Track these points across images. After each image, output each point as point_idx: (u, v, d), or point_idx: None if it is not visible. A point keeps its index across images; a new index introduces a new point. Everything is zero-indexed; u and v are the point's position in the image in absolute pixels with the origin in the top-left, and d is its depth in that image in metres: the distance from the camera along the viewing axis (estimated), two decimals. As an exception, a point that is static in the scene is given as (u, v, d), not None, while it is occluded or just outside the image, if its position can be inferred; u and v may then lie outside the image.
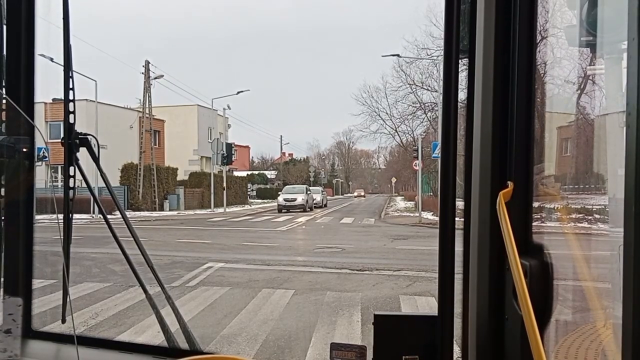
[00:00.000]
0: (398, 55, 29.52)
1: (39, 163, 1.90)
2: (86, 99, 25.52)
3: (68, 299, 1.52)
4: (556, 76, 2.04)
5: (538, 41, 1.13)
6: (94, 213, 18.51)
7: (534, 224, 1.11)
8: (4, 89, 1.59)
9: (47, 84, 1.85)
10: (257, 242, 15.61)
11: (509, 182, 1.09)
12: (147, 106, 31.37)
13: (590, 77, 1.82)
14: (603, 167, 1.51)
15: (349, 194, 71.61)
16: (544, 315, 1.02)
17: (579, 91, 2.17)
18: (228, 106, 37.19)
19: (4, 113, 1.60)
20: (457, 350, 1.18)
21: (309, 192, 34.00)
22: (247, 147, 61.59)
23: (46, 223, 2.30)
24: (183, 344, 1.51)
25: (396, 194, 59.34)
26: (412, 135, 35.18)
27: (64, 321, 1.55)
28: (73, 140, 1.46)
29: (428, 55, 29.98)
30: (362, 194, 69.51)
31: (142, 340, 5.85)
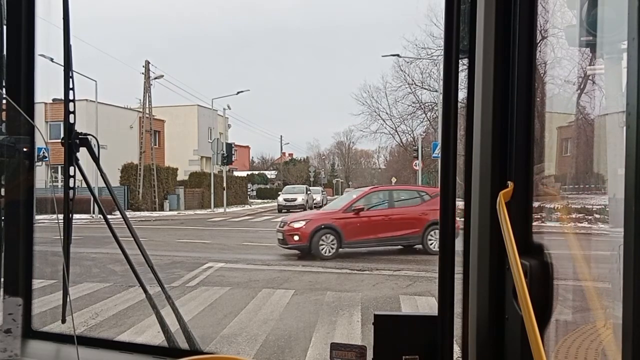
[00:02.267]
0: (398, 55, 29.55)
1: (39, 163, 1.90)
2: (86, 99, 25.51)
3: (68, 299, 1.52)
4: (556, 76, 2.04)
5: (538, 41, 1.13)
6: (94, 213, 18.51)
7: (534, 224, 1.11)
8: (4, 89, 1.59)
9: (47, 84, 1.85)
10: (257, 242, 15.60)
11: (509, 182, 1.09)
12: (147, 106, 31.37)
13: (590, 77, 1.82)
14: (603, 167, 1.51)
15: (348, 194, 70.39)
16: (544, 315, 1.02)
17: (579, 91, 2.17)
18: (228, 106, 37.20)
19: (4, 113, 1.60)
20: (457, 350, 1.18)
21: (309, 192, 33.97)
22: (247, 147, 61.50)
23: (46, 223, 2.30)
24: (183, 344, 1.51)
25: (396, 194, 59.11)
26: (412, 135, 35.17)
27: (64, 321, 1.55)
28: (73, 140, 1.46)
29: (428, 55, 29.99)
30: None
31: (142, 340, 5.85)
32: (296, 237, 12.56)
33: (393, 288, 8.91)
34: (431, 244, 12.93)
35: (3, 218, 1.62)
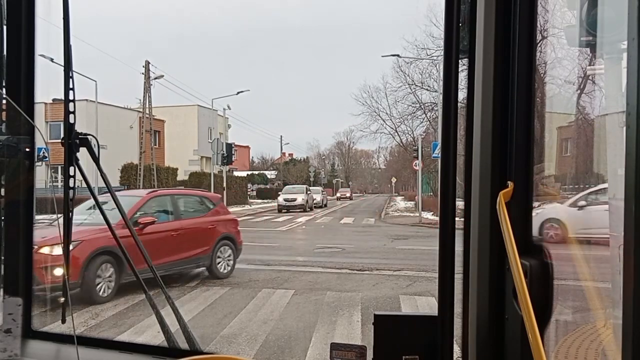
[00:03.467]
0: (398, 55, 29.50)
1: (39, 163, 1.90)
2: (86, 99, 25.51)
3: (68, 299, 1.52)
4: (556, 76, 2.05)
5: (538, 41, 1.13)
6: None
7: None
8: (4, 89, 1.59)
9: (47, 84, 1.85)
10: (257, 242, 15.58)
11: (509, 182, 1.09)
12: (147, 106, 31.36)
13: (590, 77, 1.82)
14: (603, 167, 1.51)
15: (348, 194, 70.26)
16: (544, 315, 1.02)
17: (579, 91, 2.17)
18: (228, 106, 37.16)
19: (4, 113, 1.60)
20: (457, 350, 1.18)
21: (309, 192, 33.98)
22: (247, 147, 61.45)
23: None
24: (183, 344, 1.51)
25: (396, 194, 59.07)
26: (412, 135, 35.17)
27: (64, 321, 1.55)
28: (73, 140, 1.46)
29: (428, 55, 29.96)
30: (348, 194, 54.90)
31: (142, 340, 5.85)
32: (58, 272, 5.52)
33: (393, 288, 8.90)
34: (219, 265, 9.94)
35: (3, 218, 1.62)
